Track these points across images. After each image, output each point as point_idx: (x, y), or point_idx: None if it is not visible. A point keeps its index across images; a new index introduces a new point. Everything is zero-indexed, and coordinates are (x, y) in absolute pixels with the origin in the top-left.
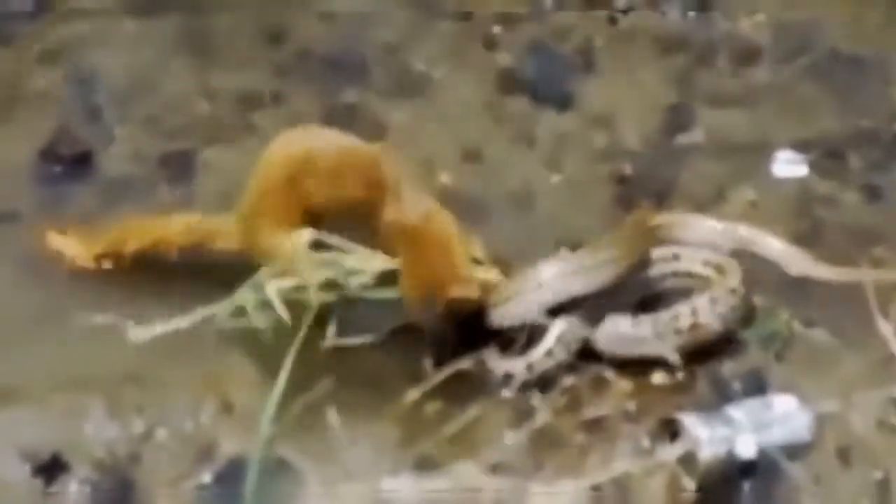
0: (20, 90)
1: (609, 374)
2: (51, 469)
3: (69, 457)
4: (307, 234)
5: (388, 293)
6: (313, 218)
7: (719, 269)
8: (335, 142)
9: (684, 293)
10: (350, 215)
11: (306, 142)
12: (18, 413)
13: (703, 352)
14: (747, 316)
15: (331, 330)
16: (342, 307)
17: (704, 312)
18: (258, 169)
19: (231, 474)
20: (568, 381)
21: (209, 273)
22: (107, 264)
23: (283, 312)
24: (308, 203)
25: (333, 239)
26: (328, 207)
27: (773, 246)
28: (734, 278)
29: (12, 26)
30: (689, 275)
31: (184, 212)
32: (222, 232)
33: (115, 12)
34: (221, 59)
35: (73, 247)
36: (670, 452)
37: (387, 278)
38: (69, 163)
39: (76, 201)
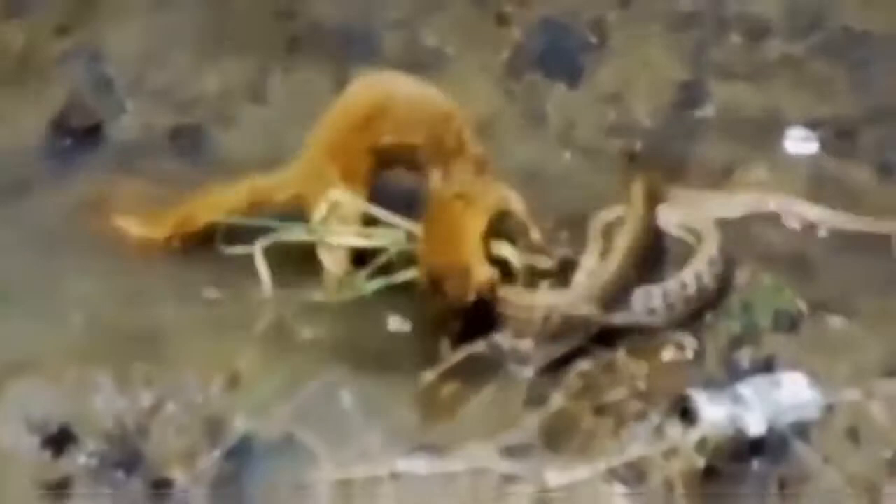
0: (32, 62)
1: (622, 356)
2: (59, 441)
3: (78, 429)
4: (359, 203)
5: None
6: (380, 162)
7: (696, 234)
8: (417, 89)
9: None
10: (412, 165)
11: (388, 83)
12: (27, 385)
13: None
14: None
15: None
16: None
17: (707, 276)
18: (335, 104)
19: (240, 449)
20: (583, 365)
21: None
22: (175, 244)
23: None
24: (377, 145)
25: (381, 212)
26: (395, 153)
27: (806, 209)
28: (714, 240)
29: None
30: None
31: (196, 184)
32: (279, 184)
33: None
34: (232, 33)
35: (139, 229)
36: (681, 430)
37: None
38: (80, 134)
39: (86, 172)
